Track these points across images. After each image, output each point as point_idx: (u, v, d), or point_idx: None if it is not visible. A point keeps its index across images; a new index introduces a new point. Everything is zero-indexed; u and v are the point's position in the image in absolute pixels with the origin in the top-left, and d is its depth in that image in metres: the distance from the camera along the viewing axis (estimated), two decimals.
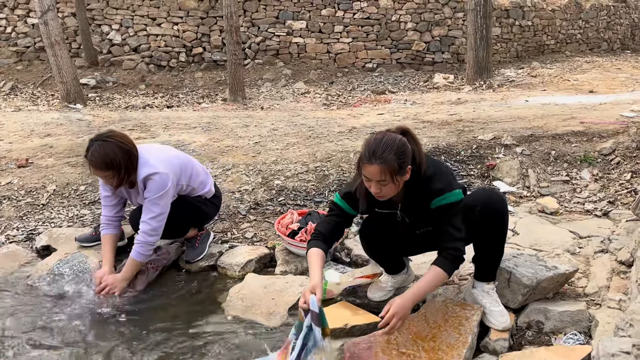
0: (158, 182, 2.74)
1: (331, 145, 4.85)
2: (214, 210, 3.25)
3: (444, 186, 2.18)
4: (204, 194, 3.09)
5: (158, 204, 2.76)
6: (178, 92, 10.09)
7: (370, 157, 2.06)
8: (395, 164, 2.05)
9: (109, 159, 2.64)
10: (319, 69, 11.20)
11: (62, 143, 5.12)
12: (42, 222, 3.61)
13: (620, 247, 2.88)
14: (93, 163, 2.67)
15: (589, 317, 2.32)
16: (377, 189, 2.11)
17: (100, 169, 2.68)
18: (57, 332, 2.50)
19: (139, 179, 2.76)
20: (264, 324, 2.54)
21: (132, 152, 2.72)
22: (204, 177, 3.11)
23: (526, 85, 9.15)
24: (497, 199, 2.34)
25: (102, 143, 2.65)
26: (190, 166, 3.01)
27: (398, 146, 2.08)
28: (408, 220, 2.31)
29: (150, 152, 2.84)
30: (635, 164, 4.10)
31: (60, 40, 8.18)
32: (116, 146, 2.66)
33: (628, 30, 14.74)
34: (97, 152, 2.64)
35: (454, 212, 2.19)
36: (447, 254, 2.19)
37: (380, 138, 2.10)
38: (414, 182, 2.18)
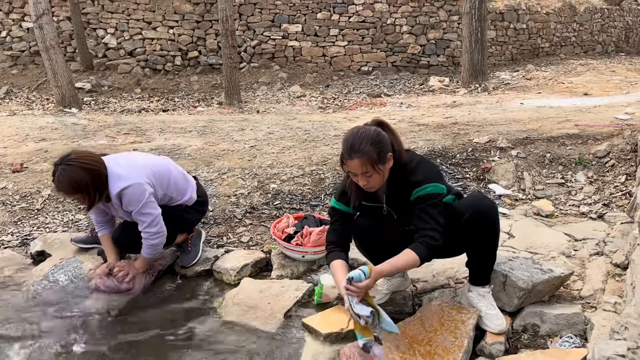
0: (134, 195, 2.68)
1: (327, 148, 4.85)
2: (199, 215, 3.19)
3: (422, 178, 2.24)
4: (185, 202, 3.01)
5: (144, 212, 2.73)
6: (174, 96, 10.08)
7: (349, 152, 2.16)
8: (374, 154, 2.14)
9: (75, 182, 2.57)
10: (314, 72, 11.21)
11: (57, 147, 5.10)
12: (36, 227, 3.59)
13: (616, 250, 2.88)
14: (60, 188, 2.62)
15: (585, 320, 2.32)
16: (364, 181, 2.21)
17: (69, 193, 2.64)
18: (51, 336, 2.49)
19: (112, 195, 2.68)
20: (261, 329, 2.53)
21: (98, 171, 2.64)
22: (183, 184, 3.02)
23: (521, 88, 9.18)
24: (487, 205, 2.34)
25: (65, 167, 2.58)
26: (167, 175, 2.92)
27: (373, 137, 2.17)
28: (396, 216, 2.35)
29: (119, 164, 2.75)
30: (630, 167, 4.11)
31: (55, 44, 8.16)
32: (80, 168, 2.58)
33: (622, 33, 14.82)
34: (62, 177, 2.57)
35: (430, 202, 2.22)
36: (423, 240, 2.20)
37: (355, 132, 2.19)
38: (397, 174, 2.25)
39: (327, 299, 2.68)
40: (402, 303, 2.61)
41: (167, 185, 2.90)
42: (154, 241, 2.79)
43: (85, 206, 2.72)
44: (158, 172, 2.86)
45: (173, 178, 2.95)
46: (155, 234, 2.78)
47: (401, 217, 2.35)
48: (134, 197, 2.68)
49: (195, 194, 3.10)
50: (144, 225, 2.76)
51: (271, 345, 2.40)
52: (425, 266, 2.82)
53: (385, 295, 2.60)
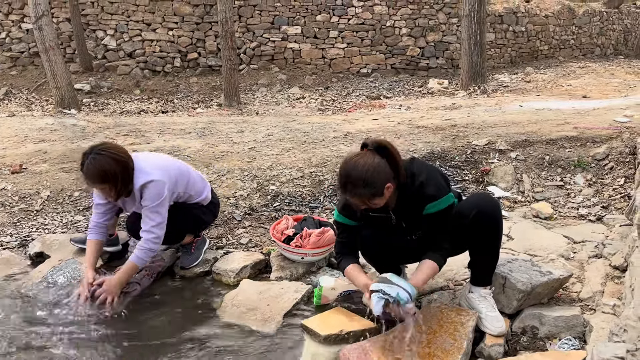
0: (155, 190, 2.73)
1: (326, 150, 4.86)
2: (211, 217, 3.24)
3: (436, 191, 2.22)
4: (201, 201, 3.09)
5: (157, 211, 2.75)
6: (173, 98, 10.08)
7: (343, 190, 2.16)
8: (367, 194, 2.11)
9: (104, 172, 2.61)
10: (314, 74, 11.23)
11: (57, 149, 5.10)
12: (35, 229, 3.59)
13: (614, 252, 2.89)
14: (89, 177, 2.64)
15: (584, 322, 2.32)
16: (363, 206, 2.19)
17: (97, 183, 2.66)
18: (49, 338, 2.48)
19: (136, 188, 2.73)
20: (260, 330, 2.53)
21: (127, 163, 2.70)
22: (200, 184, 3.11)
23: (520, 91, 9.20)
24: (491, 204, 2.35)
25: (96, 156, 2.62)
26: (187, 174, 3.00)
27: (366, 178, 2.08)
28: (404, 224, 2.33)
29: (146, 160, 2.82)
30: (629, 169, 4.12)
31: (54, 46, 8.16)
32: (111, 158, 2.63)
33: (621, 35, 14.87)
34: (92, 166, 2.60)
35: (444, 217, 2.26)
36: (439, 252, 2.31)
37: (349, 170, 2.12)
38: (406, 188, 2.21)
39: (326, 300, 2.68)
40: None
41: (186, 183, 2.96)
42: (151, 245, 2.77)
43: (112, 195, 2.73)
44: (179, 171, 2.94)
45: (192, 177, 3.04)
46: (156, 237, 2.78)
47: (409, 225, 2.35)
48: (153, 192, 2.72)
49: (211, 194, 3.18)
50: (150, 224, 2.76)
51: (270, 347, 2.40)
52: None
53: None
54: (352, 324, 2.46)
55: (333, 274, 2.97)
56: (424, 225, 2.29)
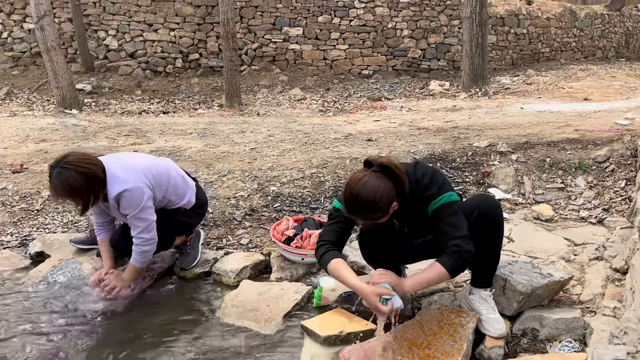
0: (133, 198, 2.64)
1: (327, 151, 4.86)
2: (197, 218, 3.15)
3: (435, 191, 2.20)
4: (183, 205, 2.97)
5: (141, 217, 2.70)
6: (174, 98, 10.09)
7: (349, 211, 2.16)
8: (372, 216, 2.12)
9: (69, 186, 2.52)
10: (315, 75, 11.23)
11: (58, 149, 5.11)
12: (36, 228, 3.59)
13: (615, 255, 2.88)
14: (54, 191, 2.58)
15: (584, 325, 2.32)
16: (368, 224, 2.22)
17: (63, 197, 2.60)
18: (49, 339, 2.48)
19: (110, 198, 2.64)
20: (260, 331, 2.53)
21: (94, 174, 2.58)
22: (182, 187, 2.98)
23: (521, 93, 9.20)
24: (493, 205, 2.35)
25: (61, 170, 2.52)
26: (166, 177, 2.87)
27: (373, 202, 2.07)
28: (407, 230, 2.32)
29: (120, 166, 2.71)
30: (630, 172, 4.12)
31: (56, 46, 8.18)
32: (76, 172, 2.52)
33: (622, 38, 14.87)
34: (57, 180, 2.52)
35: (449, 211, 2.18)
36: (449, 251, 2.16)
37: (355, 195, 2.08)
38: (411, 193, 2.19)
39: (326, 301, 2.68)
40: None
41: (165, 189, 2.86)
42: (145, 247, 2.75)
43: (80, 209, 2.66)
44: (158, 174, 2.81)
45: (172, 181, 2.91)
46: (148, 240, 2.75)
47: (412, 231, 2.33)
48: (132, 201, 2.64)
49: (194, 197, 3.05)
50: (137, 230, 2.72)
51: (270, 348, 2.40)
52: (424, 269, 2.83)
53: None
54: (352, 325, 2.45)
55: None
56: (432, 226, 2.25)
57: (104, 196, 2.66)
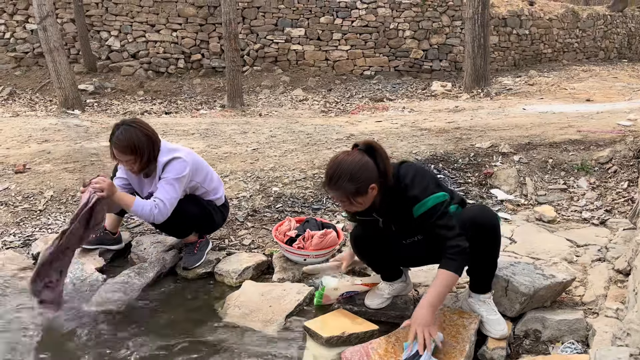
0: (178, 166, 2.82)
1: (329, 152, 4.86)
2: (221, 219, 3.25)
3: (418, 192, 2.17)
4: (215, 200, 3.14)
5: (173, 185, 2.80)
6: (176, 99, 10.10)
7: (327, 184, 2.16)
8: (352, 189, 2.11)
9: (133, 143, 2.71)
10: (317, 76, 11.23)
11: (60, 149, 5.12)
12: (39, 228, 3.60)
13: (618, 256, 2.88)
14: (117, 146, 2.73)
15: (587, 326, 2.31)
16: (344, 206, 2.26)
17: (124, 153, 2.74)
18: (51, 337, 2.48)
19: (160, 163, 2.82)
20: (261, 331, 2.53)
21: (155, 139, 2.82)
22: (217, 184, 3.17)
23: (523, 94, 9.19)
24: (488, 215, 2.31)
25: (127, 127, 2.73)
26: (206, 169, 3.08)
27: (353, 172, 2.10)
28: (394, 228, 2.33)
29: (171, 144, 2.95)
30: (632, 173, 4.11)
31: (59, 46, 8.19)
32: (140, 132, 2.74)
33: (625, 39, 14.84)
34: (123, 136, 2.71)
35: (438, 215, 2.17)
36: (448, 254, 2.17)
37: (336, 164, 2.14)
38: (391, 189, 2.20)
39: (328, 300, 2.68)
40: (404, 307, 2.60)
41: (205, 176, 3.03)
42: (154, 211, 2.74)
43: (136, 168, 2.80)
44: (201, 163, 3.03)
45: (210, 173, 3.11)
46: (162, 210, 2.76)
47: (400, 229, 2.34)
48: (177, 167, 2.81)
49: (224, 198, 3.23)
50: (164, 194, 2.77)
51: (272, 349, 2.40)
52: (426, 270, 2.83)
53: (387, 300, 2.60)
54: (354, 326, 2.46)
55: (335, 275, 2.96)
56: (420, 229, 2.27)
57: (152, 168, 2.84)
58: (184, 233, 3.12)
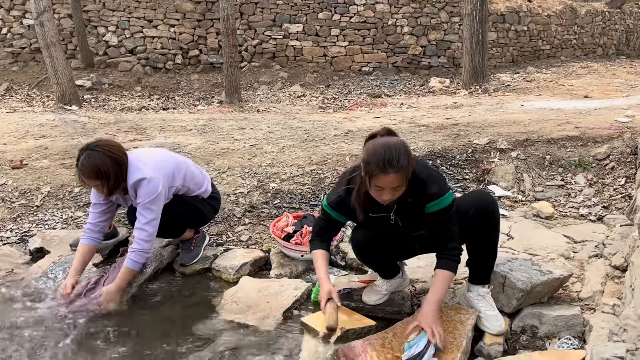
0: (148, 188, 2.71)
1: (327, 148, 4.85)
2: (212, 211, 3.21)
3: (437, 190, 2.20)
4: (201, 193, 3.08)
5: (150, 208, 2.72)
6: (174, 94, 10.08)
7: (385, 167, 2.01)
8: (409, 168, 2.07)
9: (97, 168, 2.62)
10: (315, 72, 11.22)
11: (57, 145, 5.10)
12: (36, 224, 3.59)
13: (615, 252, 2.88)
14: (83, 173, 2.65)
15: (583, 322, 2.32)
16: (390, 195, 2.10)
17: (90, 179, 2.66)
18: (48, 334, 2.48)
19: (129, 185, 2.73)
20: (259, 327, 2.53)
21: (121, 160, 2.69)
22: (199, 178, 3.10)
23: (522, 90, 9.19)
24: (490, 200, 2.38)
25: (90, 152, 2.64)
26: (185, 167, 2.99)
27: (405, 149, 2.08)
28: (401, 223, 2.31)
29: (141, 158, 2.81)
30: (630, 169, 4.11)
31: (56, 42, 8.16)
32: (105, 155, 2.64)
33: (623, 35, 14.83)
34: (87, 162, 2.63)
35: (448, 216, 2.22)
36: (448, 254, 2.25)
37: (388, 145, 2.05)
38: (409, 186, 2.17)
39: None
40: (401, 303, 2.60)
41: (184, 176, 2.96)
42: (143, 245, 2.73)
43: (105, 192, 2.74)
44: (177, 165, 2.94)
45: (190, 171, 3.03)
46: (149, 235, 2.74)
47: (406, 225, 2.31)
48: (147, 190, 2.71)
49: (210, 186, 3.17)
50: (142, 221, 2.73)
51: (269, 344, 2.40)
52: (424, 266, 2.84)
53: (385, 296, 2.60)
54: (351, 322, 2.46)
55: (333, 271, 2.96)
56: (428, 224, 2.26)
57: (124, 187, 2.74)
58: (176, 233, 3.10)
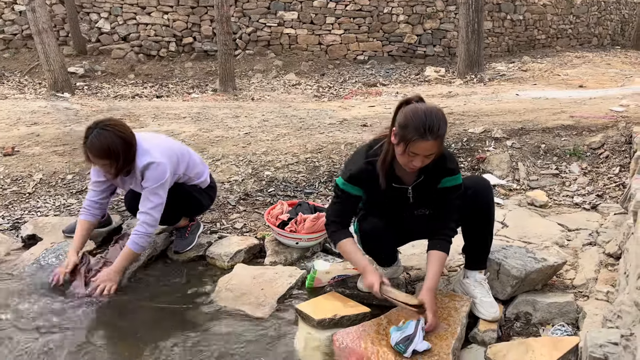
0: (157, 172, 2.70)
1: (322, 136, 4.83)
2: (208, 200, 3.21)
3: (455, 166, 2.25)
4: (200, 183, 3.07)
5: (157, 193, 2.72)
6: (168, 82, 10.00)
7: (427, 133, 1.97)
8: (445, 132, 2.04)
9: (107, 147, 2.58)
10: (310, 60, 11.14)
11: (49, 132, 5.06)
12: (28, 211, 3.56)
13: (608, 240, 2.89)
14: (91, 151, 2.61)
15: (577, 309, 2.33)
16: (420, 162, 2.06)
17: (99, 158, 2.63)
18: (41, 321, 2.46)
19: (138, 168, 2.71)
20: (253, 314, 2.52)
21: (131, 141, 2.67)
22: (200, 167, 3.10)
23: (517, 80, 9.17)
24: (485, 183, 2.41)
25: (101, 131, 2.59)
26: (188, 156, 2.99)
27: (444, 117, 2.03)
28: (413, 199, 2.30)
29: (149, 141, 2.79)
30: (624, 158, 4.12)
31: (47, 28, 8.05)
32: (115, 135, 2.60)
33: (618, 25, 14.83)
34: (97, 140, 2.58)
35: (457, 195, 2.27)
36: (446, 235, 2.29)
37: (430, 111, 2.00)
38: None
39: (319, 283, 2.67)
40: None
41: (187, 165, 2.95)
42: (147, 228, 2.73)
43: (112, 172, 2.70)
44: (181, 153, 2.93)
45: (192, 159, 3.02)
46: (154, 220, 2.74)
47: (417, 200, 2.31)
48: (155, 174, 2.69)
49: (209, 178, 3.17)
50: (148, 205, 2.72)
51: (264, 331, 2.40)
52: (418, 254, 2.84)
53: None
54: (346, 309, 2.46)
55: (327, 259, 2.96)
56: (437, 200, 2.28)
57: (129, 170, 2.72)
58: (172, 221, 3.08)
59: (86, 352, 2.25)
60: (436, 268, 2.25)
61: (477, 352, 2.20)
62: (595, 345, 1.70)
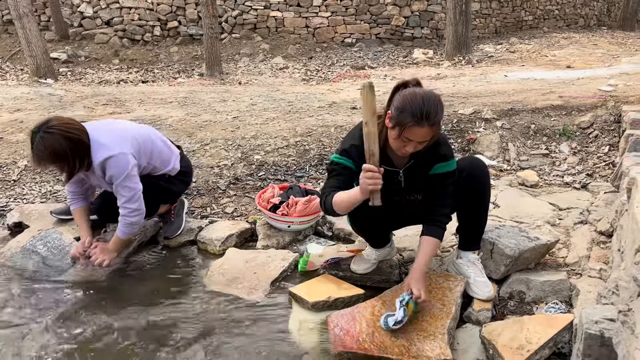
0: (118, 166, 2.56)
1: (311, 120, 4.79)
2: (182, 185, 3.09)
3: (448, 152, 2.21)
4: (168, 172, 2.93)
5: (127, 186, 2.61)
6: (153, 67, 9.85)
7: (422, 119, 1.92)
8: (441, 123, 2.01)
9: (53, 151, 2.41)
10: (297, 43, 11.03)
11: (33, 118, 4.95)
12: (13, 199, 3.49)
13: (600, 218, 2.90)
14: (38, 157, 2.44)
15: (570, 287, 2.34)
16: (413, 148, 2.02)
17: (48, 162, 2.48)
18: (31, 308, 2.43)
19: (95, 164, 2.56)
20: (246, 298, 2.50)
21: (79, 139, 2.49)
22: (167, 153, 2.93)
23: (505, 61, 9.16)
24: (481, 164, 2.39)
25: (44, 135, 2.40)
26: (150, 143, 2.80)
27: (441, 104, 1.99)
28: (404, 184, 2.26)
29: (102, 133, 2.61)
30: (613, 137, 4.13)
31: (28, 12, 7.87)
32: (61, 136, 2.42)
33: (604, 6, 14.86)
34: (41, 145, 2.40)
35: (451, 181, 2.23)
36: (438, 221, 2.26)
37: (428, 97, 1.95)
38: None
39: (312, 266, 2.66)
40: (389, 272, 2.60)
41: (150, 154, 2.80)
42: (132, 219, 2.67)
43: (65, 176, 2.61)
44: (142, 140, 2.74)
45: (157, 147, 2.86)
46: (134, 210, 2.66)
47: (409, 185, 2.27)
48: (117, 168, 2.56)
49: (179, 163, 3.02)
50: (123, 200, 2.64)
51: (258, 315, 2.38)
52: (411, 235, 2.83)
53: (373, 265, 2.58)
54: (339, 291, 2.45)
55: (320, 242, 2.94)
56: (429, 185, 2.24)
57: (88, 164, 2.57)
58: (150, 213, 2.94)
59: (75, 337, 2.22)
60: (427, 251, 2.22)
61: (472, 332, 2.20)
62: (591, 322, 1.70)
